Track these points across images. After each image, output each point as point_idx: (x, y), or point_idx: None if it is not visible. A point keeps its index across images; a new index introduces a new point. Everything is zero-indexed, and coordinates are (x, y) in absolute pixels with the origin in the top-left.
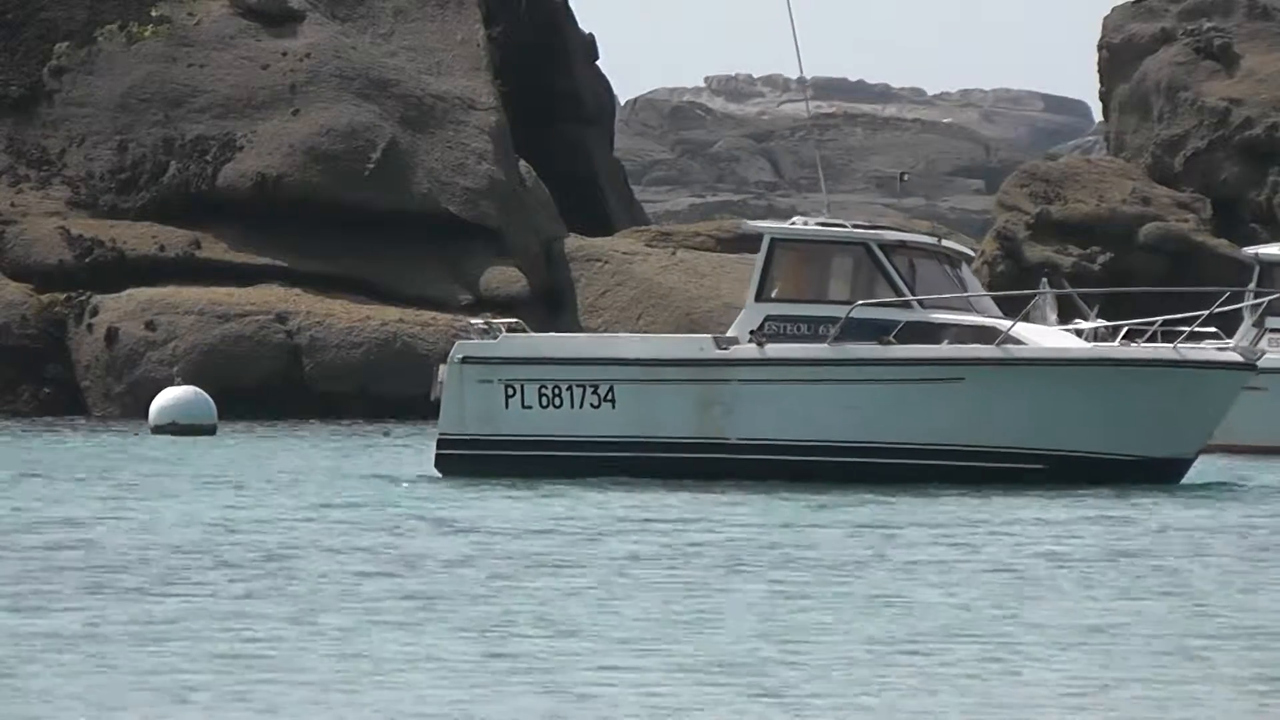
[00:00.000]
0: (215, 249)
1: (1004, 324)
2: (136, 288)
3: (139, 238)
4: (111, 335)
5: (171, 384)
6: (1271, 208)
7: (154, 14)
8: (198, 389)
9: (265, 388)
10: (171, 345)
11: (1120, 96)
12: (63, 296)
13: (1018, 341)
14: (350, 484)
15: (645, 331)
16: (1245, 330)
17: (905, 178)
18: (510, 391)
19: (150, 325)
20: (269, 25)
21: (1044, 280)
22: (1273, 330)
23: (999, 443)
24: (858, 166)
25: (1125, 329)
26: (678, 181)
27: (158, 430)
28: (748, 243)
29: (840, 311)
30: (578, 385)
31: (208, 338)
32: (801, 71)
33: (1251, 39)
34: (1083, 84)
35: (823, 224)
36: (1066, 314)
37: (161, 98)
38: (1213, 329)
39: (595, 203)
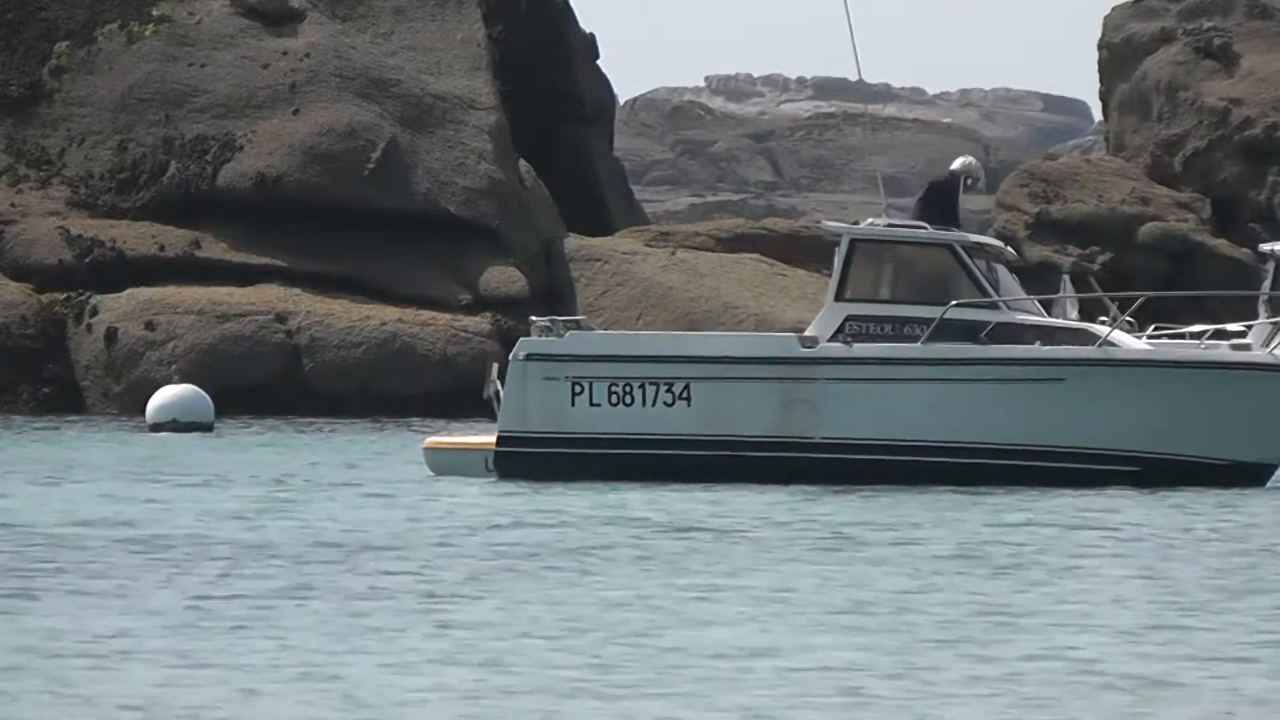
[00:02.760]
0: (215, 249)
1: (1094, 328)
2: (136, 287)
3: (139, 237)
4: (111, 335)
5: (170, 382)
6: (1271, 207)
7: (154, 13)
8: (196, 387)
9: (265, 387)
10: (171, 345)
11: (1120, 96)
12: (62, 296)
13: (1113, 344)
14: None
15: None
16: (1261, 328)
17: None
18: (578, 389)
19: (150, 325)
20: (269, 25)
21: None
22: None
23: (1094, 444)
24: (857, 166)
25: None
26: (678, 181)
27: (156, 428)
28: (744, 242)
29: (927, 312)
30: (650, 383)
31: (207, 337)
32: (860, 74)
33: (1251, 38)
34: (1082, 84)
35: (890, 225)
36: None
37: (161, 97)
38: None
39: (595, 202)
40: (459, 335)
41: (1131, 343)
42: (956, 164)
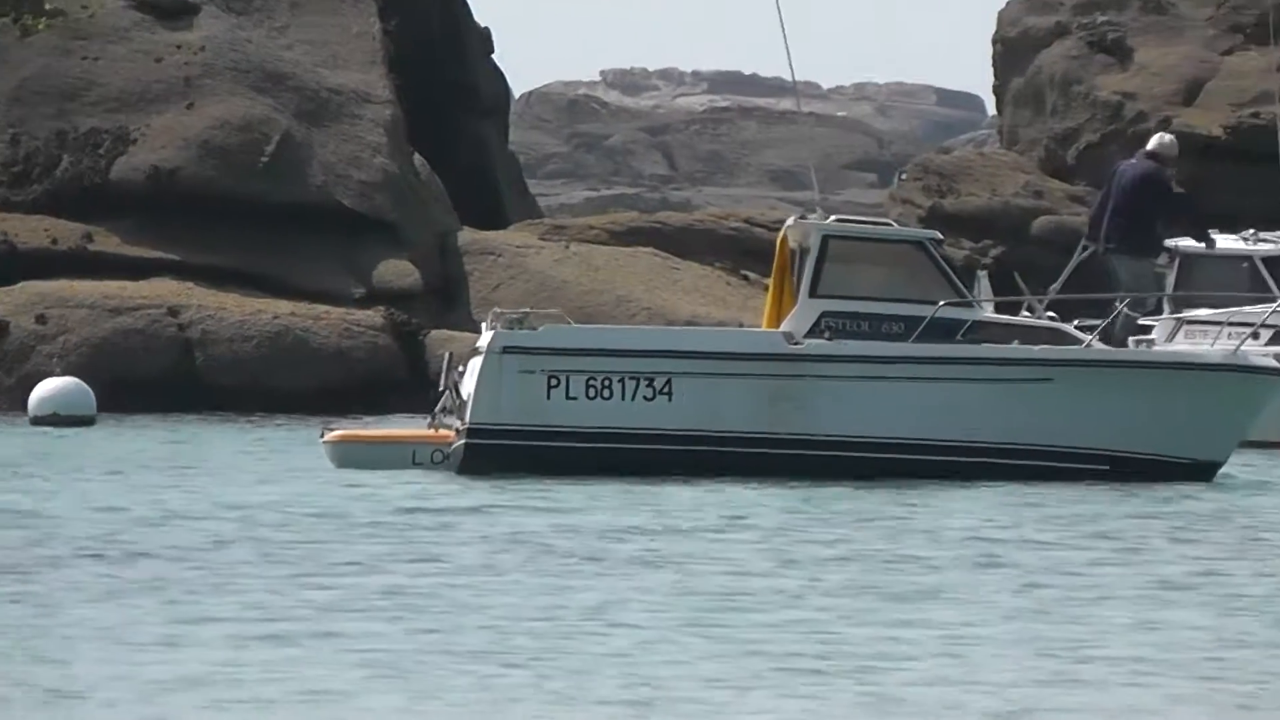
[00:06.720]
0: (108, 242)
1: (1068, 328)
2: (28, 281)
3: (31, 231)
4: (2, 329)
5: (53, 375)
6: None
7: (48, 6)
8: (78, 380)
9: (157, 381)
10: (63, 339)
11: (1014, 90)
12: None
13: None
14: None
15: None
16: (1165, 323)
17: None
18: (554, 382)
19: (41, 319)
20: (164, 18)
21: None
22: (1190, 323)
23: (1072, 443)
24: (752, 160)
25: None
26: (573, 175)
27: (37, 421)
28: (638, 236)
29: (903, 309)
30: (630, 377)
31: (100, 331)
32: (794, 77)
33: (1145, 33)
34: (977, 78)
35: (839, 221)
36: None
37: (55, 91)
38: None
39: (490, 196)
40: (352, 329)
41: (1101, 344)
42: (1153, 143)
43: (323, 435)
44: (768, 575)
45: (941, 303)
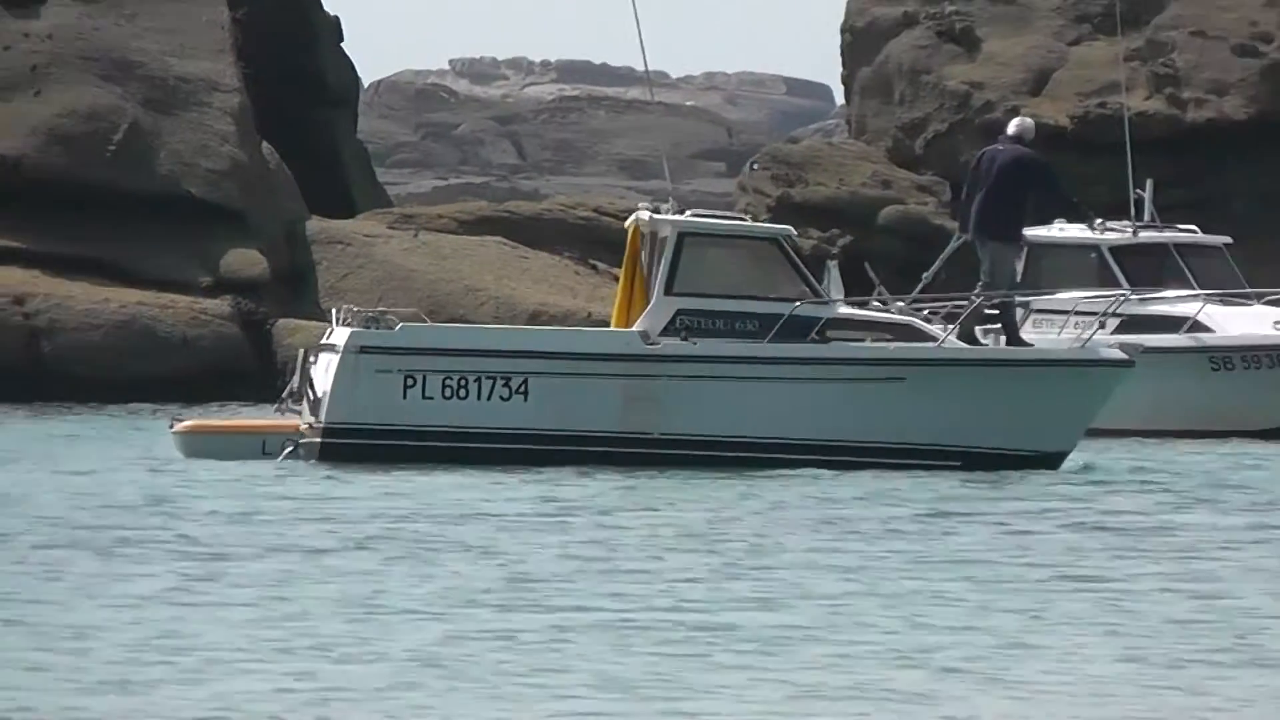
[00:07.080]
0: None
1: (922, 324)
2: None
3: None
4: None
5: None
6: None
7: None
8: None
9: (4, 370)
10: None
11: (862, 80)
12: None
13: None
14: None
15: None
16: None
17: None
18: (410, 382)
19: None
20: (11, 6)
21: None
22: (1038, 311)
23: (926, 440)
24: (601, 149)
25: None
26: (421, 164)
27: None
28: (487, 225)
29: (757, 307)
30: (487, 377)
31: None
32: (646, 66)
33: (994, 22)
34: (826, 67)
35: (696, 215)
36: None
37: None
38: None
39: (339, 185)
40: (199, 318)
41: (956, 340)
42: (1014, 127)
43: (172, 425)
44: (599, 559)
45: (799, 302)
